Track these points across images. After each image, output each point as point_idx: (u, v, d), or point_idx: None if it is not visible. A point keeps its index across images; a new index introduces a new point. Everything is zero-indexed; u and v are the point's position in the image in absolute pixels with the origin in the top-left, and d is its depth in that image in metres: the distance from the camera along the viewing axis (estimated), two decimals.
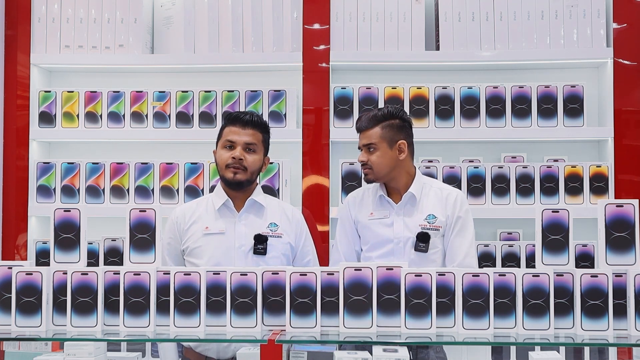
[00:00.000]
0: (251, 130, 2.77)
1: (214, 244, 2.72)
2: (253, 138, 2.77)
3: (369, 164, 2.83)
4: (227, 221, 2.76)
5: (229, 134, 2.77)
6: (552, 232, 2.17)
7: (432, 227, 2.81)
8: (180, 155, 3.67)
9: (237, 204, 2.79)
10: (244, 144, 2.75)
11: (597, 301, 2.11)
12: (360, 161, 2.86)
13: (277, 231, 2.77)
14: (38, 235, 3.69)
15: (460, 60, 3.61)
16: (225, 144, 2.77)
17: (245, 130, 2.76)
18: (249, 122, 2.77)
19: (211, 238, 2.73)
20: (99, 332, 2.17)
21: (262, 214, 2.80)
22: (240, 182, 2.74)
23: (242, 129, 2.76)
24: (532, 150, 3.67)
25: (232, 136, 2.76)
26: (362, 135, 2.86)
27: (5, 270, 2.19)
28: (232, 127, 2.77)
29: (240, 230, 2.74)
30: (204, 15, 3.69)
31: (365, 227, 2.88)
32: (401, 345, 2.11)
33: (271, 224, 2.78)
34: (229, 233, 2.74)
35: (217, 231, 2.74)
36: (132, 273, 2.20)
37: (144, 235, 2.25)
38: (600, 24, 3.54)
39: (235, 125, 2.77)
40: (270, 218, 2.80)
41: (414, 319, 2.11)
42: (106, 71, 3.83)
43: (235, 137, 2.75)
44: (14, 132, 3.68)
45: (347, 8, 3.62)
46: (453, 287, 2.13)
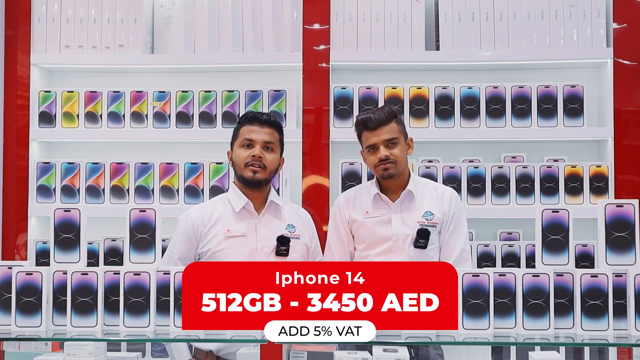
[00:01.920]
0: (269, 129, 2.77)
1: (236, 247, 2.70)
2: (271, 137, 2.77)
3: (392, 159, 2.81)
4: (248, 223, 2.75)
5: (247, 133, 2.76)
6: (552, 232, 2.17)
7: (430, 224, 2.83)
8: (180, 155, 3.67)
9: (256, 205, 2.78)
10: (262, 142, 2.75)
11: (597, 301, 2.11)
12: (383, 157, 2.80)
13: (295, 232, 2.78)
14: (38, 235, 3.69)
15: (460, 60, 3.61)
16: (243, 143, 2.76)
17: (263, 129, 2.76)
18: (267, 121, 2.77)
19: (234, 241, 2.71)
20: (99, 332, 2.17)
21: (280, 216, 2.80)
22: (259, 181, 2.73)
23: (260, 127, 2.76)
24: (532, 150, 3.67)
25: (250, 135, 2.75)
26: (379, 130, 2.82)
27: (5, 270, 2.19)
28: (250, 126, 2.77)
29: (261, 232, 2.74)
30: (204, 15, 3.69)
31: (361, 226, 2.89)
32: (401, 345, 2.11)
33: (289, 226, 2.79)
34: (250, 235, 2.73)
35: (239, 234, 2.72)
36: (132, 273, 2.20)
37: (144, 235, 2.25)
38: (600, 24, 3.54)
39: (253, 124, 2.77)
40: (287, 219, 2.80)
41: None
42: (106, 71, 3.83)
43: (254, 136, 2.75)
44: (14, 132, 3.68)
45: (347, 8, 3.62)
46: None
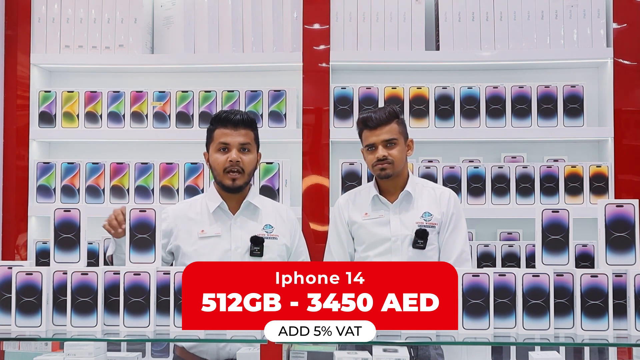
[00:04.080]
0: (244, 130, 2.72)
1: (210, 247, 2.70)
2: (247, 138, 2.73)
3: (389, 159, 2.81)
4: (222, 224, 2.74)
5: (222, 136, 2.71)
6: (552, 232, 2.17)
7: (429, 225, 2.84)
8: (180, 155, 3.66)
9: (232, 206, 2.76)
10: (238, 145, 2.71)
11: (597, 301, 2.11)
12: (380, 157, 2.81)
13: (272, 233, 2.76)
14: (38, 235, 3.69)
15: (460, 60, 3.61)
16: (219, 147, 2.71)
17: (237, 131, 2.71)
18: (240, 122, 2.72)
19: (207, 241, 2.71)
20: (99, 332, 2.17)
21: (257, 216, 2.78)
22: (239, 187, 2.72)
23: (234, 129, 2.71)
24: (532, 150, 3.67)
25: (225, 138, 2.71)
26: (379, 130, 2.82)
27: (5, 270, 2.19)
28: (224, 129, 2.71)
29: (236, 232, 2.73)
30: (204, 16, 3.69)
31: (360, 227, 2.89)
32: (401, 345, 2.11)
33: (266, 226, 2.76)
34: (224, 236, 2.72)
35: (213, 234, 2.72)
36: (132, 273, 2.20)
37: (144, 235, 2.25)
38: (600, 24, 3.54)
39: (226, 126, 2.72)
40: (265, 220, 2.78)
41: None
42: (106, 71, 3.83)
43: (229, 139, 2.70)
44: (14, 132, 3.68)
45: (347, 8, 3.62)
46: None
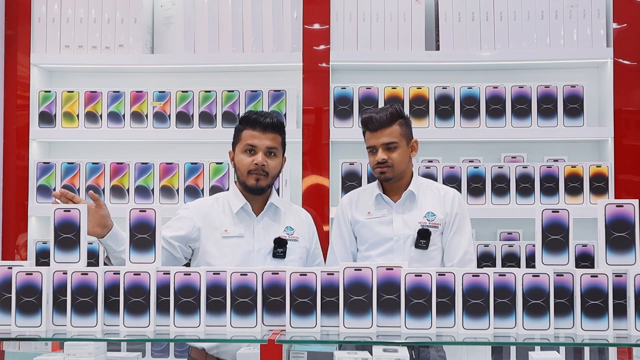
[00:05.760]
0: (272, 134, 2.70)
1: (232, 247, 2.68)
2: (274, 142, 2.70)
3: (389, 162, 2.80)
4: (245, 224, 2.72)
5: (250, 138, 2.69)
6: (552, 232, 2.17)
7: (432, 225, 2.82)
8: (180, 155, 3.67)
9: (255, 207, 2.75)
10: (265, 148, 2.68)
11: (597, 301, 2.11)
12: (380, 160, 2.79)
13: (293, 235, 2.74)
14: (38, 235, 3.69)
15: (460, 60, 3.61)
16: (245, 148, 2.69)
17: (266, 135, 2.68)
18: (270, 125, 2.69)
19: (230, 241, 2.69)
20: (99, 332, 2.17)
21: (279, 218, 2.77)
22: (262, 188, 2.70)
23: (263, 133, 2.68)
24: (532, 150, 3.67)
25: (252, 140, 2.68)
26: (379, 133, 2.80)
27: (5, 270, 2.19)
28: (252, 131, 2.69)
29: (258, 233, 2.71)
30: (204, 16, 3.69)
31: (363, 227, 2.89)
32: (401, 345, 2.11)
33: (288, 228, 2.75)
34: (247, 236, 2.70)
35: (236, 234, 2.69)
36: (132, 273, 2.19)
37: (144, 235, 2.25)
38: (600, 24, 3.54)
39: (255, 129, 2.69)
40: (286, 222, 2.77)
41: (414, 319, 2.11)
42: (106, 71, 3.84)
43: (257, 142, 2.68)
44: (14, 132, 3.68)
45: (347, 8, 3.62)
46: (453, 287, 2.13)
